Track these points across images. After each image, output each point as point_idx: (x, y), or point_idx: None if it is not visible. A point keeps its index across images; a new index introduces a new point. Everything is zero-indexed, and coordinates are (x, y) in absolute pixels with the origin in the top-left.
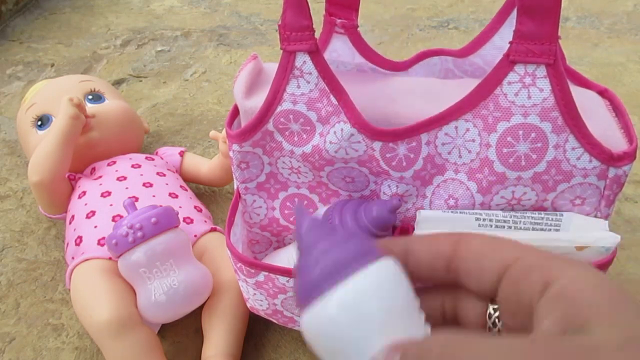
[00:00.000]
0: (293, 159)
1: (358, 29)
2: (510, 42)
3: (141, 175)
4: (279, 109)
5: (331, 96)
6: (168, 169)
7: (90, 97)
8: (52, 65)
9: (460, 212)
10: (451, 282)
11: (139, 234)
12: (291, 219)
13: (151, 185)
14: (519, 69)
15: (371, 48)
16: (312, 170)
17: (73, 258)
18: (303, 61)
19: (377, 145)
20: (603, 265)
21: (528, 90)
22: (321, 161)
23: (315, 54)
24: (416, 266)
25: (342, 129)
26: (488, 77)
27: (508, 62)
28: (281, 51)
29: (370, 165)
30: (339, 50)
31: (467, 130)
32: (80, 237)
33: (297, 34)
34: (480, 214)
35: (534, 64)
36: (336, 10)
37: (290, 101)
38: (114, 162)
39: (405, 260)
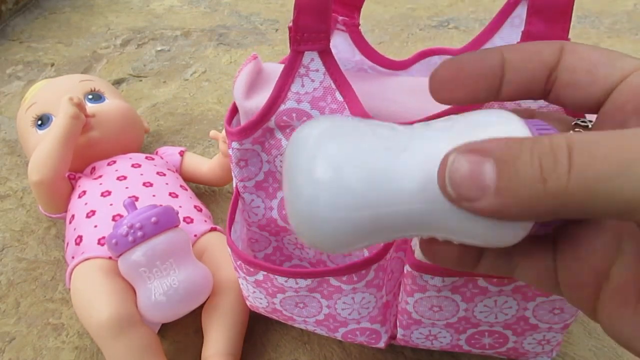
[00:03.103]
0: None
1: (359, 27)
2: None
3: (141, 174)
4: (282, 107)
5: (337, 92)
6: (168, 169)
7: (90, 96)
8: (52, 64)
9: None
10: (542, 96)
11: (139, 233)
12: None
13: (151, 184)
14: None
15: (371, 47)
16: None
17: (73, 257)
18: (311, 58)
19: None
20: None
21: None
22: None
23: (325, 52)
24: (513, 76)
25: None
26: None
27: None
28: (281, 50)
29: None
30: (339, 47)
31: None
32: (80, 237)
33: (310, 35)
34: None
35: None
36: (338, 7)
37: (295, 100)
38: (114, 162)
39: (500, 71)
